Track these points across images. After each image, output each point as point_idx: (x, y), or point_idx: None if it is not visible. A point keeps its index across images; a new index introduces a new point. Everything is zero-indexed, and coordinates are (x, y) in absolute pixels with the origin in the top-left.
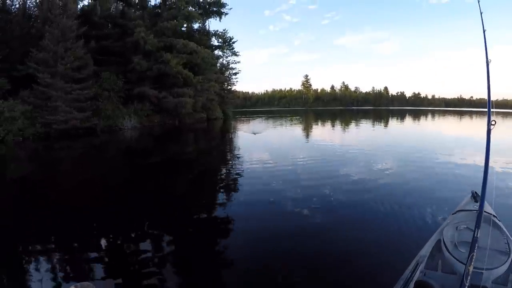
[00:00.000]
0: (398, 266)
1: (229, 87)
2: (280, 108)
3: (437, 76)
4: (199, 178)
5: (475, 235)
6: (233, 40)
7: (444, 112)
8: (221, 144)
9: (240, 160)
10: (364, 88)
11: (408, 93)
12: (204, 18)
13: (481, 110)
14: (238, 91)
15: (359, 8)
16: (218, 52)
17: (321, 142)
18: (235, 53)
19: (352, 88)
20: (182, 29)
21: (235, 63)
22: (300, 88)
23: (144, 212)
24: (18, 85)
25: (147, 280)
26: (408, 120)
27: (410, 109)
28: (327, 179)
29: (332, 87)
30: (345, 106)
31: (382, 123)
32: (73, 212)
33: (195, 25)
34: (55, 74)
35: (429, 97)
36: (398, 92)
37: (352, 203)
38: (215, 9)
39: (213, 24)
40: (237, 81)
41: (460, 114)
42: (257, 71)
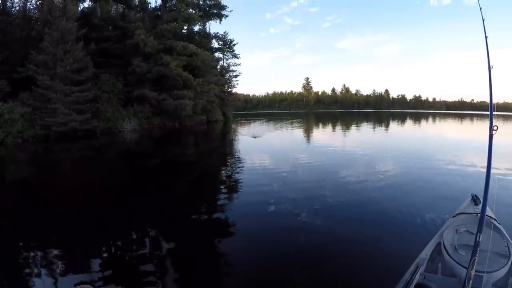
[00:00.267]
0: (398, 269)
1: (229, 89)
2: (281, 111)
3: (438, 78)
4: (198, 180)
5: (477, 239)
6: (233, 43)
7: (445, 115)
8: (221, 147)
9: (240, 163)
10: (365, 91)
11: (409, 96)
12: (204, 20)
13: (482, 113)
14: (239, 94)
15: (360, 11)
16: (218, 55)
17: (321, 145)
18: (235, 56)
19: (353, 91)
20: (183, 31)
21: (236, 65)
22: (301, 90)
23: (144, 214)
24: (18, 87)
25: (147, 283)
26: (408, 123)
27: (411, 112)
28: (327, 182)
29: (333, 89)
30: (345, 108)
31: (383, 126)
32: (73, 214)
33: (195, 27)
34: (54, 76)
35: (430, 100)
36: (399, 95)
37: (352, 206)
38: (215, 11)
39: (214, 27)
40: (237, 83)
41: (461, 117)
42: (258, 73)
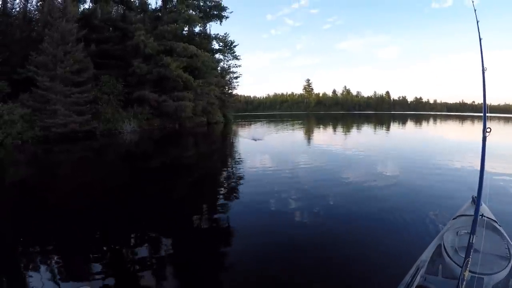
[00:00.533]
0: (399, 271)
1: (230, 91)
2: (281, 112)
3: (439, 80)
4: (198, 182)
5: (471, 241)
6: (234, 44)
7: (446, 117)
8: (221, 149)
9: (240, 165)
10: (366, 93)
11: (410, 98)
12: (204, 21)
13: (482, 115)
14: (240, 95)
15: (360, 13)
16: (219, 56)
17: (323, 147)
18: (236, 57)
19: (354, 93)
20: (183, 32)
21: (236, 66)
22: (301, 92)
23: (144, 216)
24: (18, 88)
25: (147, 284)
26: (409, 125)
27: (412, 113)
28: (328, 184)
29: (333, 91)
30: (346, 110)
31: (383, 127)
32: (73, 215)
33: (196, 29)
34: (54, 77)
35: (431, 101)
36: (400, 96)
37: (353, 207)
38: (215, 12)
39: (215, 28)
40: (238, 85)
41: (462, 119)
42: (259, 75)
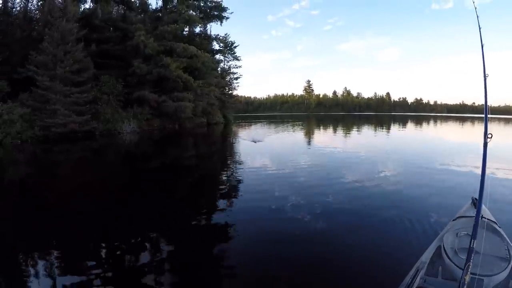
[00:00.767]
0: (399, 272)
1: (230, 91)
2: (282, 113)
3: (439, 81)
4: (198, 183)
5: (472, 245)
6: (234, 45)
7: (446, 118)
8: (220, 151)
9: (240, 166)
10: (366, 94)
11: (410, 99)
12: (205, 22)
13: (483, 116)
14: (240, 96)
15: (361, 14)
16: (219, 57)
17: (323, 149)
18: (236, 58)
19: (354, 94)
20: (183, 33)
21: (237, 67)
22: (302, 93)
23: (143, 217)
24: (18, 87)
25: (147, 285)
26: (410, 126)
27: (412, 115)
28: (329, 186)
29: (334, 92)
30: (347, 111)
31: (384, 129)
32: (72, 215)
33: (196, 29)
34: (54, 77)
35: (431, 103)
36: (400, 97)
37: (353, 209)
38: (216, 13)
39: (216, 29)
40: (238, 85)
41: (462, 120)
42: (259, 76)
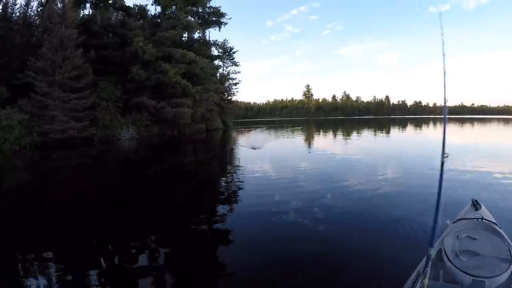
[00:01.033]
0: (400, 277)
1: (229, 97)
2: (281, 118)
3: (438, 84)
4: (197, 189)
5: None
6: (233, 50)
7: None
8: (219, 157)
9: (239, 172)
10: (366, 98)
11: (409, 102)
12: (203, 28)
13: (482, 117)
14: (240, 101)
15: (360, 18)
16: (218, 62)
17: (323, 154)
18: (235, 63)
19: (354, 98)
20: (182, 39)
21: (235, 73)
22: (301, 98)
23: (142, 223)
24: (17, 93)
25: None
26: (409, 129)
27: (412, 117)
28: (328, 190)
29: (333, 96)
30: (346, 115)
31: (383, 132)
32: (71, 222)
33: (195, 35)
34: (53, 83)
35: (430, 105)
36: (399, 100)
37: (352, 213)
38: (214, 18)
39: (215, 34)
40: (237, 91)
41: (461, 121)
42: (259, 81)
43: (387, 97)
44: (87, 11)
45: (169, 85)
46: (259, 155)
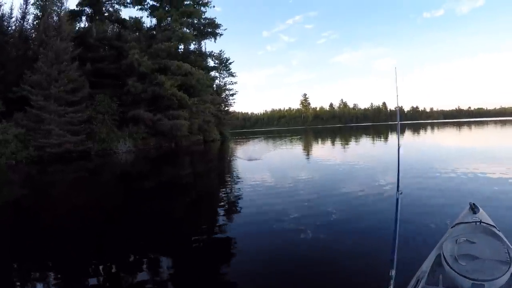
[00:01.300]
0: (400, 283)
1: (226, 108)
2: (279, 128)
3: (434, 88)
4: (196, 201)
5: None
6: (229, 61)
7: (443, 124)
8: (217, 168)
9: (238, 183)
10: (363, 105)
11: (406, 107)
12: (199, 39)
13: (479, 120)
14: (237, 112)
15: (354, 26)
16: (214, 73)
17: (322, 163)
18: (231, 74)
19: (351, 105)
20: (178, 50)
21: (232, 83)
22: (299, 107)
23: (141, 236)
24: (13, 107)
25: None
26: (406, 134)
27: (409, 123)
28: (328, 197)
29: (330, 104)
30: (344, 123)
31: (381, 139)
32: (67, 236)
33: (191, 47)
34: (48, 96)
35: (428, 110)
36: (396, 106)
37: (352, 220)
38: (209, 30)
39: (211, 45)
40: (234, 102)
41: (458, 125)
42: (256, 91)
43: (384, 104)
44: (82, 24)
45: (165, 97)
46: (258, 166)
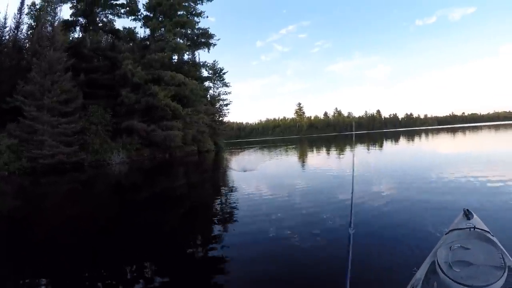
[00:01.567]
0: None
1: (220, 118)
2: (274, 137)
3: (428, 95)
4: (190, 212)
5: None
6: (223, 71)
7: (438, 131)
8: (211, 179)
9: (233, 194)
10: (357, 113)
11: (400, 115)
12: (192, 49)
13: (473, 125)
14: (232, 122)
15: (348, 35)
16: (208, 84)
17: (317, 172)
18: (225, 84)
19: (345, 114)
20: (172, 61)
21: (226, 94)
22: (293, 116)
23: (134, 248)
24: (6, 117)
25: None
26: (401, 142)
27: (404, 130)
28: (322, 206)
29: (325, 113)
30: (339, 131)
31: (376, 146)
32: (61, 249)
33: (184, 57)
34: (41, 107)
35: (422, 116)
36: (390, 114)
37: (346, 228)
38: (203, 40)
39: (206, 56)
40: (228, 112)
41: (453, 131)
42: (251, 101)
43: (379, 111)
44: (76, 34)
45: (159, 107)
46: (253, 176)
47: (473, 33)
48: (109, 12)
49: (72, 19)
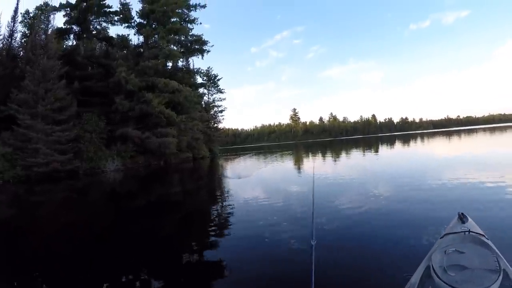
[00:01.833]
0: None
1: (215, 124)
2: (269, 143)
3: (423, 98)
4: (186, 219)
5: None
6: (218, 78)
7: (433, 134)
8: (207, 186)
9: (228, 200)
10: (352, 118)
11: (396, 119)
12: (186, 56)
13: (468, 128)
14: (228, 128)
15: (342, 40)
16: (202, 90)
17: (311, 177)
18: (220, 90)
19: (341, 118)
20: (166, 67)
21: (221, 100)
22: (289, 122)
23: (130, 256)
24: (0, 126)
25: None
26: (396, 146)
27: (399, 134)
28: (318, 210)
29: (320, 118)
30: (334, 136)
31: (371, 151)
32: (56, 257)
33: (179, 64)
34: (35, 115)
35: (417, 120)
36: (386, 118)
37: (341, 232)
38: (197, 46)
39: (200, 63)
40: (223, 118)
41: (448, 134)
42: (246, 107)
43: (374, 116)
44: (70, 42)
45: (153, 114)
46: (248, 183)
47: (467, 37)
48: (102, 19)
49: (65, 27)
